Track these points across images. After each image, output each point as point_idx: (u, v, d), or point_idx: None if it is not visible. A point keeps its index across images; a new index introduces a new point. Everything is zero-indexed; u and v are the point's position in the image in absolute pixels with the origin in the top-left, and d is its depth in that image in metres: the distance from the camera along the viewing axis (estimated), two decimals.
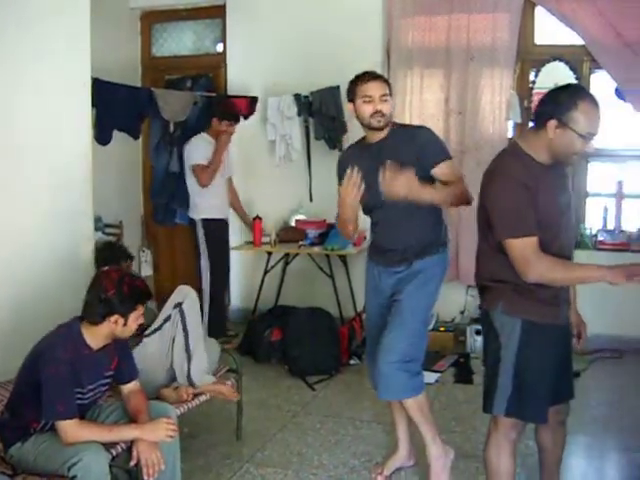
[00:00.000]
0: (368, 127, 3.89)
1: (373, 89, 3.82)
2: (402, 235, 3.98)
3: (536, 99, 6.76)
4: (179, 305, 4.29)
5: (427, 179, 3.78)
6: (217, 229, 6.73)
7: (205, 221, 6.65)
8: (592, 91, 6.04)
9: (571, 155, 3.07)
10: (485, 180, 3.22)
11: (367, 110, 3.82)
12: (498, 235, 3.10)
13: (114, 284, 3.34)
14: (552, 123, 3.00)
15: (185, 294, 4.36)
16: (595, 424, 5.03)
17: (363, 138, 4.05)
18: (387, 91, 3.87)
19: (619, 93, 6.51)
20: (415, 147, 3.84)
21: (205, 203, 6.62)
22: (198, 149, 6.57)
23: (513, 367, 3.18)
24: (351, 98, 3.91)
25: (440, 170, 3.87)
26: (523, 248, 3.02)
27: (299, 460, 4.48)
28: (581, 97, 3.00)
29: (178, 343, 4.26)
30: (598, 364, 6.25)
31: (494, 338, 3.24)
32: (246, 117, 7.15)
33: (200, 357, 4.29)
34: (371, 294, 4.23)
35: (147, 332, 4.27)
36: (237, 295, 7.76)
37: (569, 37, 6.70)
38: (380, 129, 3.88)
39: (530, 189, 3.03)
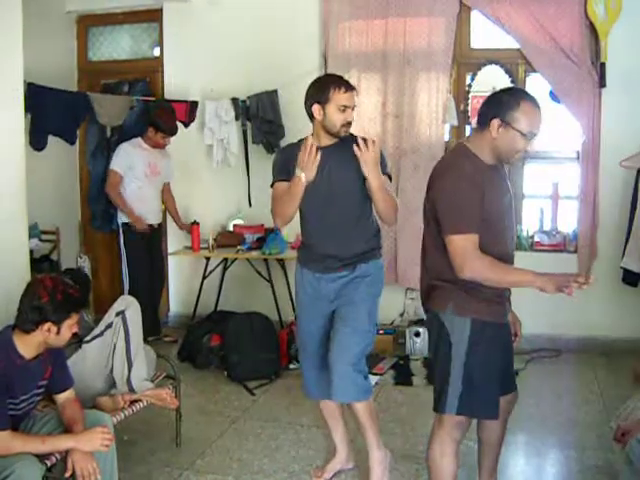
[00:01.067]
0: (334, 134, 3.85)
1: (350, 100, 3.81)
2: (346, 241, 3.93)
3: (473, 102, 6.86)
4: (122, 313, 4.27)
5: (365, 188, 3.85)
6: (140, 234, 6.71)
7: (125, 225, 6.69)
8: None
9: (514, 154, 3.18)
10: (433, 177, 3.30)
11: (339, 119, 3.79)
12: (443, 230, 3.17)
13: (48, 292, 3.29)
14: (495, 122, 3.12)
15: (128, 303, 4.36)
16: (532, 422, 5.08)
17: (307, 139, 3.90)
18: (355, 103, 3.88)
19: (554, 96, 6.60)
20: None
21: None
22: (119, 155, 6.65)
23: (464, 366, 3.25)
24: (321, 100, 3.81)
25: None
26: (463, 245, 3.10)
27: (239, 466, 4.46)
28: (523, 98, 3.13)
29: (119, 350, 4.23)
30: (536, 363, 6.33)
31: (445, 338, 3.29)
32: (186, 125, 7.10)
33: (140, 364, 4.28)
34: (309, 303, 4.12)
35: (87, 338, 4.24)
36: (176, 300, 7.71)
37: (504, 41, 6.77)
38: (339, 138, 3.88)
39: (478, 187, 3.12)
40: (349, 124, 3.83)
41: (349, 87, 3.83)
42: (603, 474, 4.22)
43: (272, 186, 4.02)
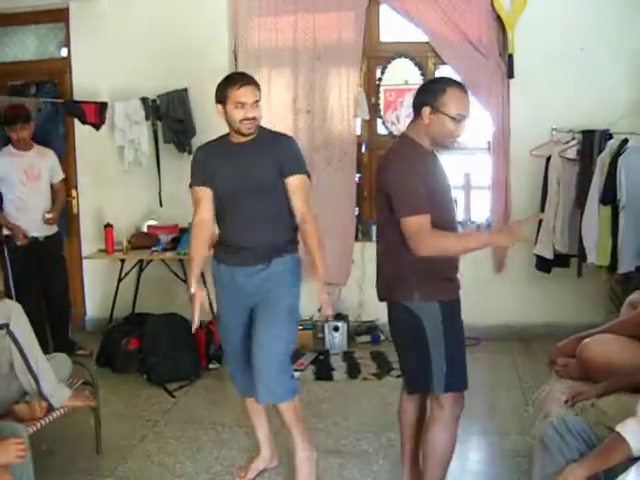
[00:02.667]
0: (237, 132, 3.85)
1: (246, 95, 3.79)
2: (260, 234, 3.91)
3: (386, 95, 6.91)
4: (6, 327, 4.02)
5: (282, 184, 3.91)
6: (24, 248, 6.29)
7: (7, 238, 6.33)
8: None
9: (447, 138, 3.38)
10: (381, 169, 3.44)
11: (238, 116, 3.79)
12: (397, 214, 3.29)
13: None
14: (426, 110, 3.34)
15: (8, 311, 4.07)
16: None
17: (224, 136, 3.98)
18: (259, 97, 3.87)
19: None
20: (279, 153, 3.89)
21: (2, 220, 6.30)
22: None
23: (444, 346, 3.40)
24: (221, 100, 3.84)
25: (294, 180, 3.92)
26: (417, 224, 3.23)
27: (161, 470, 4.41)
28: (448, 84, 3.37)
29: (19, 367, 4.04)
30: None
31: (417, 325, 3.40)
32: (97, 127, 6.93)
33: (46, 374, 4.10)
34: (228, 298, 4.09)
35: None
36: (93, 305, 7.58)
37: (413, 34, 6.83)
38: (248, 135, 3.87)
39: (421, 172, 3.30)
40: (251, 119, 3.81)
41: (245, 83, 3.82)
42: (523, 457, 4.29)
43: (190, 186, 4.05)
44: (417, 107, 3.39)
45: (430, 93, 3.35)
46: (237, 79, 3.86)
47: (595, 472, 2.58)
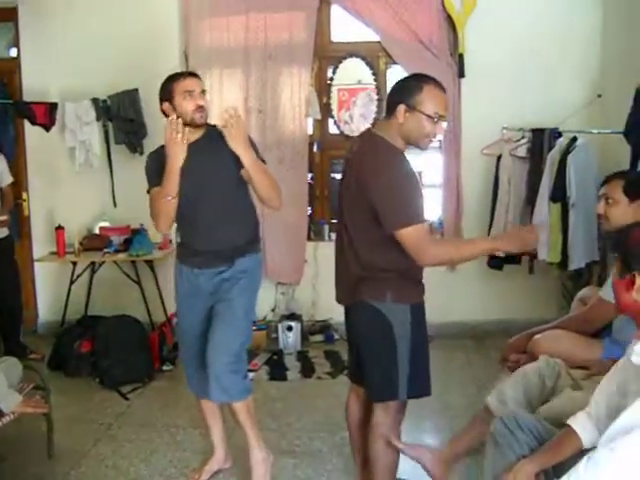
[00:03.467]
0: (191, 124, 3.77)
1: (193, 84, 3.81)
2: (223, 235, 3.89)
3: (339, 95, 6.93)
4: None
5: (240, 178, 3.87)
6: None
7: None
8: (388, 86, 6.26)
9: (423, 138, 3.23)
10: (365, 175, 3.20)
11: (189, 106, 3.77)
12: (390, 227, 3.13)
13: None
14: (401, 108, 3.17)
15: None
16: (407, 408, 5.13)
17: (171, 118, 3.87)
18: (204, 86, 3.90)
19: None
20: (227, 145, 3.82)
21: None
22: None
23: (409, 351, 3.33)
24: (167, 97, 3.81)
25: None
26: (416, 236, 3.12)
27: (115, 474, 4.37)
28: (425, 81, 3.21)
29: None
30: None
31: (386, 328, 3.30)
32: (48, 128, 6.85)
33: None
34: (187, 299, 4.06)
35: None
36: (45, 308, 7.48)
37: (365, 34, 6.86)
38: (202, 125, 3.85)
39: (413, 177, 3.19)
40: (201, 108, 3.81)
41: (187, 74, 3.91)
42: (477, 454, 4.31)
43: (148, 192, 3.94)
44: (391, 105, 3.24)
45: (406, 91, 3.20)
46: (179, 73, 3.93)
47: (546, 467, 2.60)
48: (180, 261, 4.07)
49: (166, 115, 3.82)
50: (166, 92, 3.83)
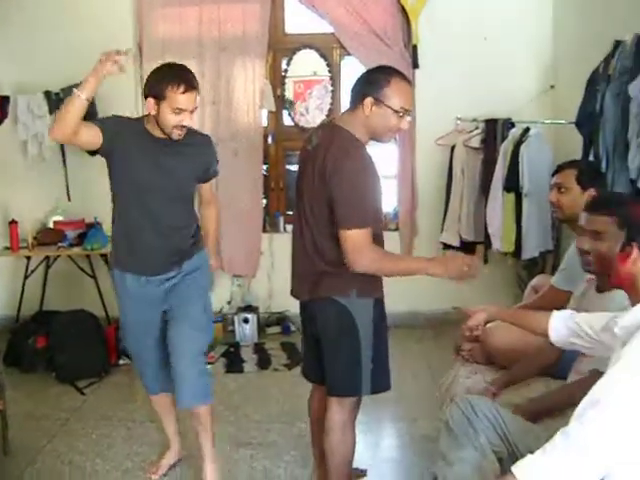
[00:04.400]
0: (165, 134, 3.58)
1: (187, 102, 3.49)
2: (171, 239, 3.79)
3: (295, 87, 6.96)
4: None
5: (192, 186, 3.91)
6: None
7: None
8: (342, 77, 6.28)
9: (387, 132, 3.22)
10: (329, 167, 3.11)
11: (172, 121, 3.50)
12: (337, 224, 3.11)
13: None
14: (368, 101, 3.14)
15: None
16: (365, 399, 5.17)
17: (140, 122, 3.68)
18: (196, 105, 3.57)
19: None
20: (203, 158, 3.84)
21: None
22: None
23: (372, 346, 3.33)
24: (155, 95, 3.49)
25: (208, 185, 4.04)
26: (360, 240, 3.09)
27: (71, 469, 4.34)
28: (393, 75, 3.18)
29: None
30: None
31: (350, 324, 3.28)
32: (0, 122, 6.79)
33: None
34: (136, 308, 3.91)
35: None
36: None
37: (319, 25, 6.86)
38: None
39: (376, 175, 3.18)
40: (183, 127, 3.56)
41: (189, 87, 3.48)
42: (431, 442, 4.33)
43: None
44: (357, 97, 3.19)
45: (373, 83, 3.16)
46: (181, 79, 3.48)
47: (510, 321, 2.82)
48: (121, 269, 3.88)
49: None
50: (157, 91, 3.49)
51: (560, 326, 2.75)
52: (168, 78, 3.48)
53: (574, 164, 3.92)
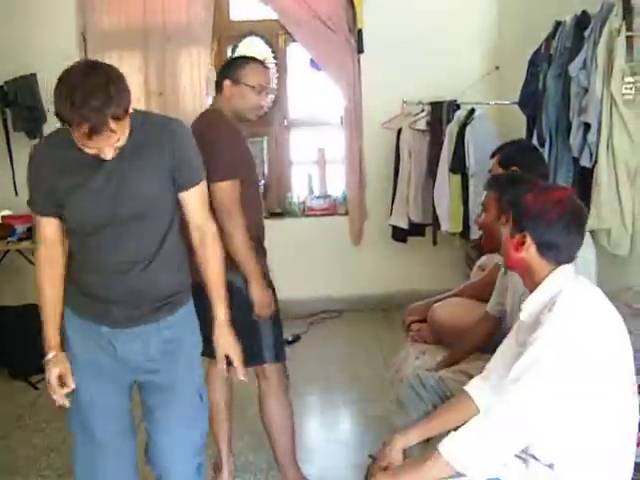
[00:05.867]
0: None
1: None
2: (144, 276, 2.67)
3: None
4: None
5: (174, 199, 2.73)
6: None
7: None
8: (289, 63, 6.27)
9: (249, 109, 3.46)
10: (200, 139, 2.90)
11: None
12: (210, 178, 2.94)
13: None
14: (227, 83, 3.43)
15: None
16: (317, 383, 5.24)
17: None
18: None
19: (314, 64, 6.77)
20: (169, 154, 2.62)
21: None
22: None
23: (271, 316, 3.48)
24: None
25: (192, 193, 2.74)
26: (232, 190, 3.25)
27: (26, 464, 4.34)
28: (249, 60, 3.53)
29: None
30: (317, 326, 6.47)
31: (244, 300, 3.33)
32: None
33: None
34: (93, 368, 2.78)
35: None
36: None
37: (263, 12, 6.85)
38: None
39: (242, 140, 3.42)
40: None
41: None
42: (384, 422, 4.39)
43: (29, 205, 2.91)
44: (219, 83, 3.47)
45: (231, 67, 3.49)
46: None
47: (430, 435, 2.64)
48: (75, 311, 2.83)
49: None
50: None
51: (482, 392, 2.61)
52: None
53: (508, 146, 3.90)
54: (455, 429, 2.34)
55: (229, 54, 6.95)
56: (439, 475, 2.33)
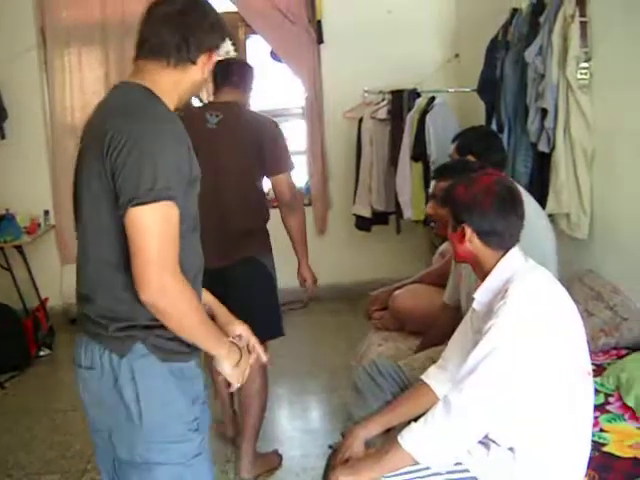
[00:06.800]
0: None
1: None
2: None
3: None
4: None
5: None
6: None
7: None
8: (249, 55, 6.26)
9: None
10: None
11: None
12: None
13: None
14: None
15: None
16: (286, 375, 5.25)
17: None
18: None
19: (275, 55, 6.77)
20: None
21: None
22: None
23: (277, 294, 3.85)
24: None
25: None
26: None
27: None
28: None
29: None
30: (284, 316, 6.43)
31: (267, 276, 3.78)
32: None
33: None
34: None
35: None
36: None
37: (223, 4, 6.82)
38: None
39: None
40: None
41: None
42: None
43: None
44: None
45: None
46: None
47: (390, 426, 2.68)
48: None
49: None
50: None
51: (440, 381, 2.65)
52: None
53: (465, 134, 3.93)
54: (415, 419, 2.36)
55: None
56: (399, 466, 2.36)
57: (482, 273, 2.43)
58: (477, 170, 2.63)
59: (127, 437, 2.15)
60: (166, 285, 1.94)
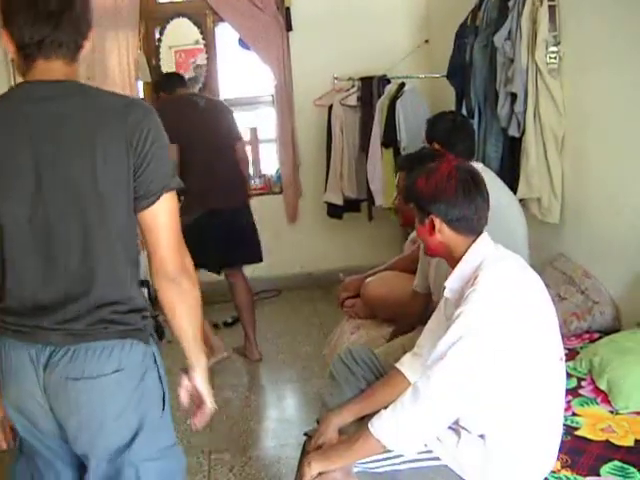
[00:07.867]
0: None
1: None
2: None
3: (176, 57, 6.88)
4: None
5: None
6: None
7: None
8: (218, 43, 6.18)
9: None
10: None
11: None
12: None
13: None
14: None
15: None
16: (259, 362, 5.22)
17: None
18: None
19: (243, 43, 6.71)
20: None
21: None
22: None
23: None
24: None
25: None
26: None
27: None
28: None
29: None
30: (257, 305, 6.41)
31: (251, 217, 5.19)
32: None
33: None
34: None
35: None
36: None
37: None
38: None
39: None
40: None
41: None
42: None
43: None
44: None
45: None
46: None
47: (364, 414, 2.64)
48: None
49: None
50: None
51: (413, 369, 2.63)
52: None
53: (434, 120, 3.90)
54: (387, 407, 2.35)
55: (157, 36, 6.83)
56: (370, 453, 2.37)
57: (454, 262, 2.42)
58: (436, 159, 2.61)
59: (152, 435, 2.07)
60: (188, 265, 2.07)
